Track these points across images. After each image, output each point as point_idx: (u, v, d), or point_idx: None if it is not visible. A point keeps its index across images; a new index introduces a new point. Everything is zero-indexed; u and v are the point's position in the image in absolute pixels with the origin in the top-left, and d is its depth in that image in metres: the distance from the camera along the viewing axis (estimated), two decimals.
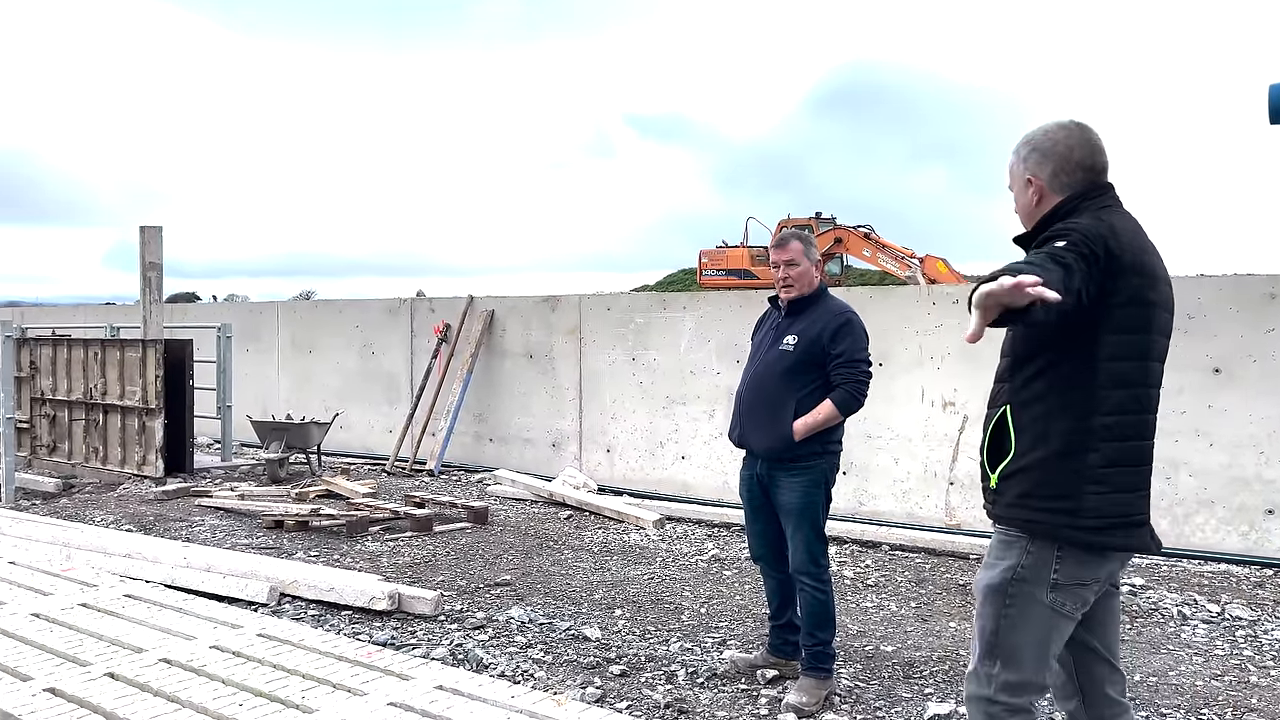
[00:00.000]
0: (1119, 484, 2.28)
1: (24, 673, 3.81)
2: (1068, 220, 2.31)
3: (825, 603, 3.96)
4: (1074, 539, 2.26)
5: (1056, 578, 2.28)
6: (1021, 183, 2.46)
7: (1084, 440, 2.26)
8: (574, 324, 9.56)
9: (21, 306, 24.44)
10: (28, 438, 9.98)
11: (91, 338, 10.06)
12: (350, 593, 5.11)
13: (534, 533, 7.18)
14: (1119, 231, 2.27)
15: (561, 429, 9.58)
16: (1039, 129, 2.46)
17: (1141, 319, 2.28)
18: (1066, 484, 2.26)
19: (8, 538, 6.44)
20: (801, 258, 4.02)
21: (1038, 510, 2.29)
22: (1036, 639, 2.31)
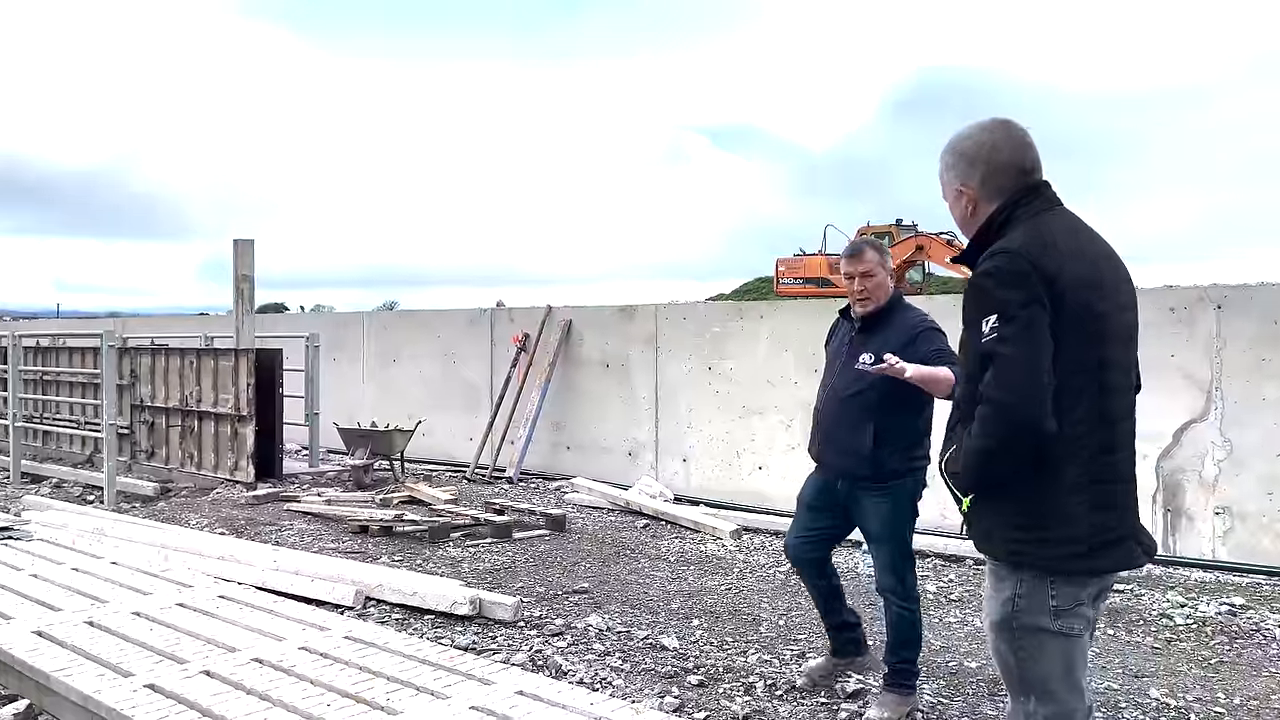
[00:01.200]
0: (1096, 502, 2.20)
1: (126, 669, 3.97)
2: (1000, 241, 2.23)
3: (913, 622, 3.89)
4: (1060, 568, 2.20)
5: (1055, 604, 2.21)
6: (953, 193, 2.36)
7: (1054, 463, 2.17)
8: (650, 333, 9.59)
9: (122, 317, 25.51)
10: (128, 443, 10.41)
11: (188, 347, 10.45)
12: (433, 597, 5.20)
13: (611, 541, 7.21)
14: (1055, 243, 2.19)
15: (637, 438, 9.62)
16: (962, 133, 2.35)
17: (1092, 331, 2.19)
18: (1041, 509, 2.19)
19: (110, 539, 6.72)
20: (878, 268, 3.90)
21: (1019, 542, 2.22)
22: (1059, 667, 2.24)
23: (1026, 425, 2.12)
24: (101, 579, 5.45)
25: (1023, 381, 2.12)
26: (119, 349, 10.11)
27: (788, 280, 29.49)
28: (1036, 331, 2.12)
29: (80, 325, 21.43)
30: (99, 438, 9.60)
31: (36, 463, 10.93)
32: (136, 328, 15.96)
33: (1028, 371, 2.12)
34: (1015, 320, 2.13)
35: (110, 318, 22.00)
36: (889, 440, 3.81)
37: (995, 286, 2.17)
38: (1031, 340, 2.12)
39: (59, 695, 3.84)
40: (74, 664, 4.01)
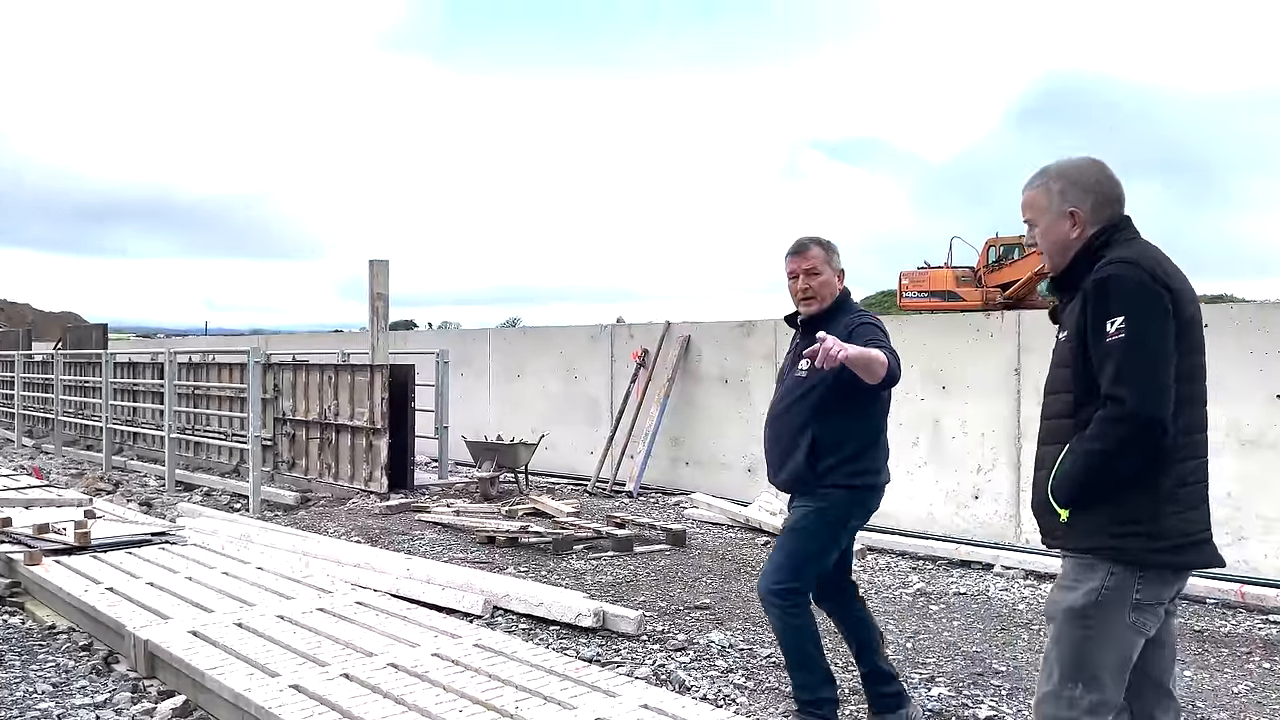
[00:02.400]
0: (1189, 502, 2.32)
1: (272, 669, 4.19)
2: (1110, 255, 2.35)
3: (788, 633, 3.57)
4: (1155, 561, 2.29)
5: (1139, 598, 2.30)
6: (1059, 215, 2.48)
7: (1158, 464, 2.28)
8: (770, 349, 9.54)
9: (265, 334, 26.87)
10: (271, 454, 10.97)
11: (326, 363, 10.96)
12: (558, 608, 5.30)
13: (731, 557, 7.19)
14: (1160, 260, 2.36)
15: (757, 454, 9.53)
16: (1065, 163, 2.52)
17: (1194, 341, 2.35)
18: (1144, 508, 2.29)
19: (255, 545, 7.09)
20: (824, 265, 3.66)
21: (1118, 536, 2.30)
22: (1117, 659, 2.34)
23: (1155, 424, 2.23)
24: (249, 583, 5.77)
25: (1153, 381, 2.23)
26: (263, 365, 10.67)
27: (912, 294, 28.82)
28: (1164, 336, 2.26)
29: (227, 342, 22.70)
30: (245, 449, 10.15)
31: (189, 472, 11.63)
32: (278, 345, 16.81)
33: (1158, 372, 2.24)
34: (1143, 323, 2.24)
35: (254, 335, 23.22)
36: (828, 449, 3.54)
37: (1121, 290, 2.28)
38: (1161, 342, 2.25)
39: (212, 693, 4.07)
40: (225, 663, 4.25)
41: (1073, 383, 2.39)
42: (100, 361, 13.67)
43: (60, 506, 8.56)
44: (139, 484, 11.38)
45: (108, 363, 13.37)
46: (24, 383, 16.53)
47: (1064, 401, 2.43)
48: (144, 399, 13.58)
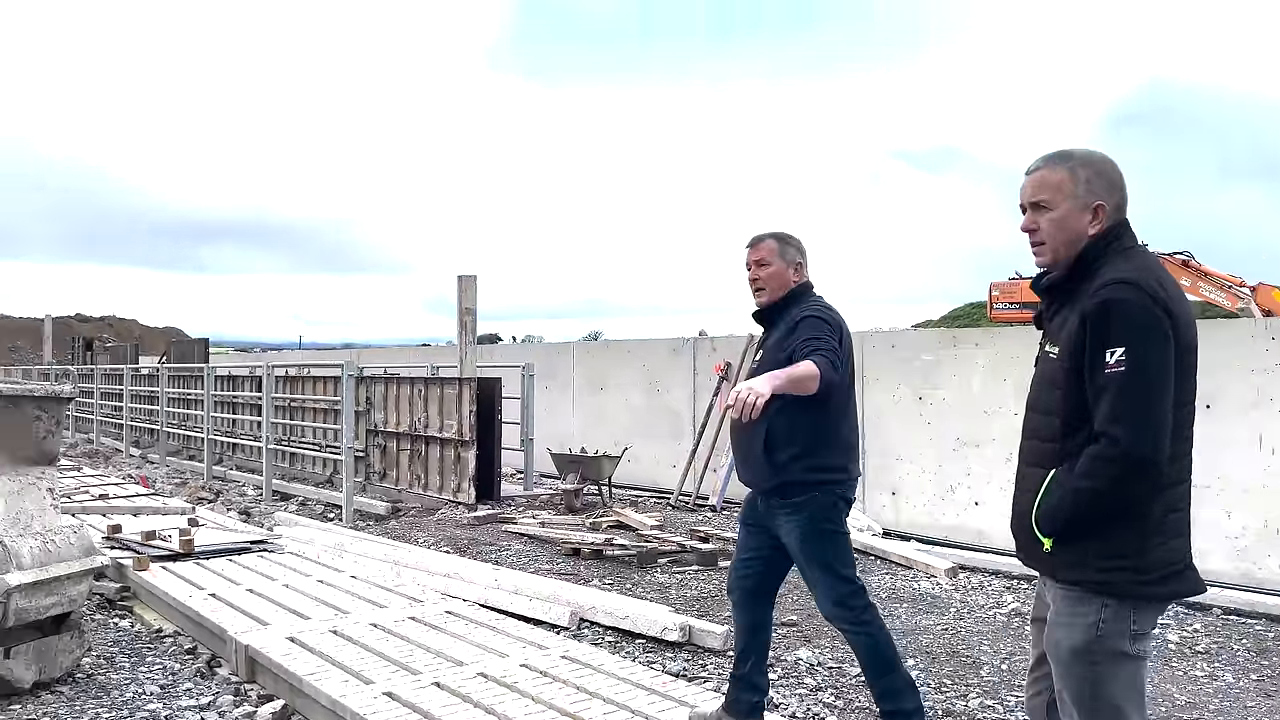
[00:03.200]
0: (1175, 531, 2.23)
1: (367, 676, 4.28)
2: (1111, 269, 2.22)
3: (872, 645, 3.44)
4: (1144, 594, 2.21)
5: (1135, 629, 2.22)
6: (1081, 207, 2.29)
7: (1148, 497, 2.18)
8: (856, 362, 9.41)
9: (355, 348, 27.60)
10: (363, 465, 11.25)
11: (416, 376, 11.20)
12: (644, 622, 5.30)
13: None
14: (1161, 278, 2.22)
15: None
16: (1093, 154, 2.34)
17: (1188, 365, 2.22)
18: (1130, 543, 2.19)
19: (349, 554, 7.28)
20: (774, 257, 3.59)
21: (1105, 570, 2.20)
22: (1132, 690, 2.25)
23: (1149, 465, 2.13)
24: (343, 591, 5.92)
25: (1149, 420, 2.12)
26: (356, 378, 10.96)
27: (1003, 305, 28.09)
28: (1165, 368, 2.14)
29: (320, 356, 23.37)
30: (338, 460, 10.44)
31: (285, 482, 11.99)
32: (369, 358, 17.25)
33: (1154, 409, 2.13)
34: (1144, 356, 2.12)
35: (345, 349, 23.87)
36: (781, 442, 3.43)
37: (1124, 317, 2.15)
38: (1161, 376, 2.14)
39: (309, 698, 4.18)
40: (321, 669, 4.36)
41: (1062, 405, 2.27)
42: (202, 375, 14.23)
43: (166, 514, 8.91)
44: (238, 493, 11.79)
45: (209, 376, 13.91)
46: (131, 395, 17.29)
47: (1050, 425, 2.31)
48: (243, 411, 14.08)
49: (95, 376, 19.86)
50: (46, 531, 4.40)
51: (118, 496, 10.38)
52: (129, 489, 11.20)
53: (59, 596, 4.31)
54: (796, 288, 3.61)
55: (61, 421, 4.79)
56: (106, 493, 10.68)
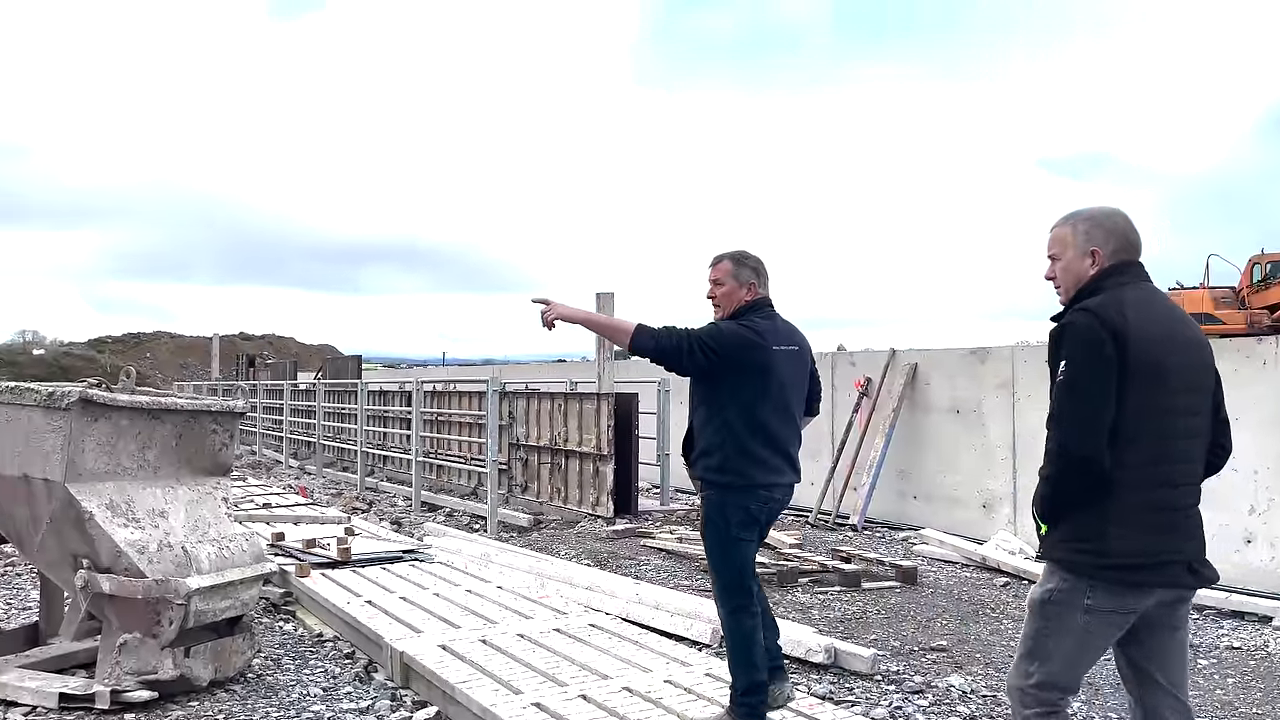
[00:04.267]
0: (1154, 527, 2.53)
1: (516, 686, 4.38)
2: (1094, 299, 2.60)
3: (731, 637, 3.77)
4: (1102, 576, 2.53)
5: (1090, 603, 2.55)
6: (1083, 252, 2.72)
7: (1107, 491, 2.52)
8: (1006, 377, 9.06)
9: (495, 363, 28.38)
10: (506, 478, 11.54)
11: (556, 391, 11.43)
12: (787, 643, 5.20)
13: (968, 598, 6.85)
14: (1125, 308, 2.55)
15: (993, 489, 9.08)
16: (1098, 209, 2.78)
17: (1158, 383, 2.52)
18: (1091, 529, 2.54)
19: (494, 565, 7.47)
20: (728, 278, 3.87)
21: (1069, 551, 2.60)
22: (1066, 650, 2.61)
23: (1081, 460, 2.51)
24: (490, 601, 6.08)
25: (1079, 423, 2.52)
26: (499, 393, 11.28)
27: None
28: (1099, 380, 2.50)
29: (463, 372, 24.15)
30: (483, 472, 10.75)
31: (432, 493, 12.43)
32: (510, 374, 17.71)
33: (1085, 414, 2.51)
34: (1081, 370, 2.52)
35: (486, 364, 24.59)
36: (696, 440, 3.82)
37: (1069, 339, 2.57)
38: (1094, 386, 2.50)
39: (461, 705, 4.31)
40: (473, 678, 4.49)
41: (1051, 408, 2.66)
42: (355, 390, 14.92)
43: (324, 523, 9.37)
44: (389, 504, 12.28)
45: (362, 391, 14.57)
46: (291, 409, 18.28)
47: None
48: (393, 425, 14.68)
49: (258, 392, 21.10)
50: (222, 538, 4.69)
51: (280, 506, 10.98)
52: (290, 498, 11.83)
53: (233, 600, 4.58)
54: (745, 305, 3.87)
55: (235, 435, 5.10)
56: (270, 502, 11.31)
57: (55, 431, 4.23)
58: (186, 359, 63.42)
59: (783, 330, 3.85)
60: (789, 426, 3.79)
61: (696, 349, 3.63)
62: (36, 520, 4.34)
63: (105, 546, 4.25)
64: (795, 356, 3.83)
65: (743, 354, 3.68)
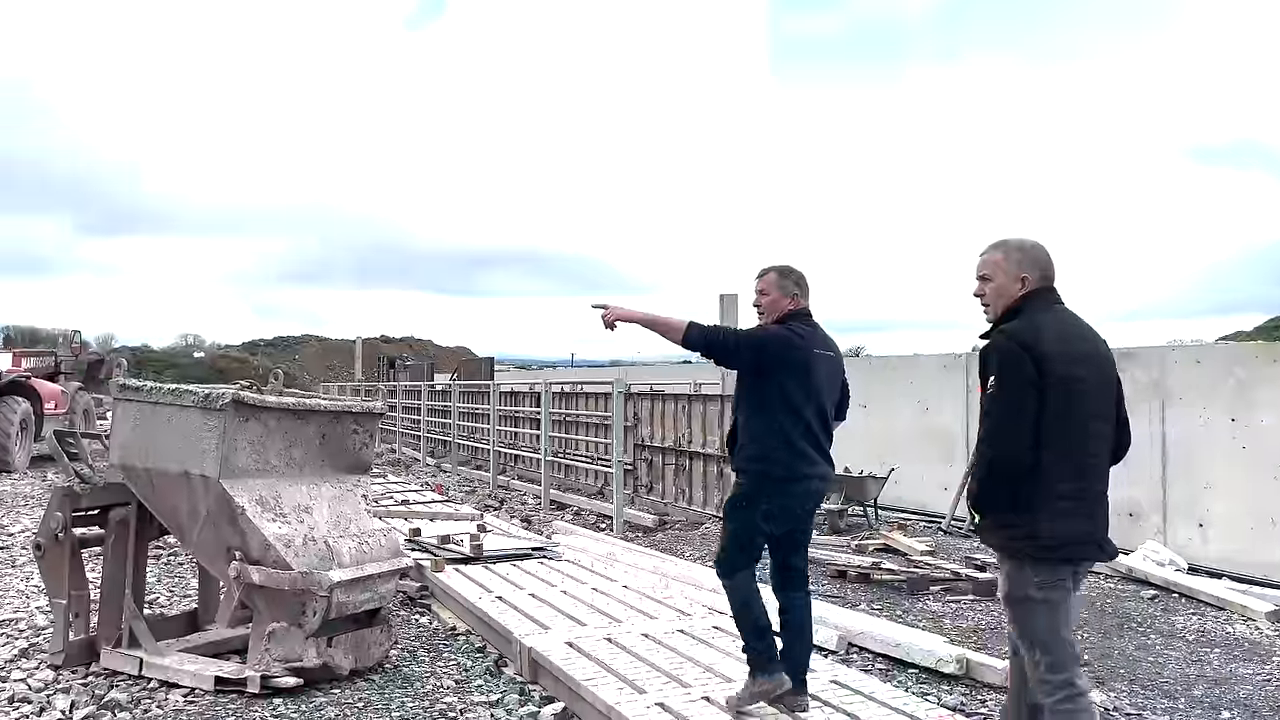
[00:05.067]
0: (1071, 513, 2.97)
1: (640, 686, 4.43)
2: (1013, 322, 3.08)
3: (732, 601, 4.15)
4: (1039, 556, 2.98)
5: (1037, 581, 2.98)
6: (1013, 277, 3.13)
7: (1030, 485, 2.96)
8: (1152, 379, 8.59)
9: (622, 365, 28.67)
10: (631, 478, 11.66)
11: (680, 393, 11.47)
12: (917, 651, 5.11)
13: (1111, 611, 6.52)
14: (1041, 330, 3.01)
15: (1137, 498, 8.62)
16: (1025, 240, 3.19)
17: (1074, 394, 2.96)
18: (1023, 518, 2.98)
19: (620, 564, 7.56)
20: (773, 288, 4.16)
21: (1008, 539, 3.06)
22: (1045, 627, 3.01)
23: (1005, 459, 2.96)
24: (616, 600, 6.15)
25: (1003, 429, 2.96)
26: (625, 395, 11.40)
27: None
28: (1019, 393, 2.94)
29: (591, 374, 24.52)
30: (609, 472, 10.88)
31: (560, 492, 12.68)
32: (636, 375, 17.89)
33: (1009, 422, 2.95)
34: (1004, 384, 2.97)
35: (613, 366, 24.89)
36: (738, 435, 4.14)
37: (992, 357, 3.03)
38: (1014, 399, 2.95)
39: (586, 702, 4.38)
40: (598, 675, 4.56)
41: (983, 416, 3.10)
42: (488, 391, 15.35)
43: (458, 520, 9.69)
44: (519, 502, 12.59)
45: (494, 392, 14.99)
46: (428, 409, 18.96)
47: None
48: (523, 425, 15.03)
49: (397, 392, 21.97)
50: (361, 534, 4.91)
51: (417, 502, 11.42)
52: (426, 495, 12.29)
53: (371, 593, 4.79)
54: (788, 314, 4.14)
55: (375, 435, 5.34)
56: (408, 499, 11.78)
57: (211, 431, 4.52)
58: (332, 360, 66.53)
59: (820, 337, 4.16)
60: (824, 423, 4.09)
61: (743, 346, 4.05)
62: (195, 514, 4.65)
63: (255, 540, 4.52)
64: (831, 362, 4.16)
65: (785, 354, 4.01)
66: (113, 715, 4.23)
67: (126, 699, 4.40)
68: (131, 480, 4.86)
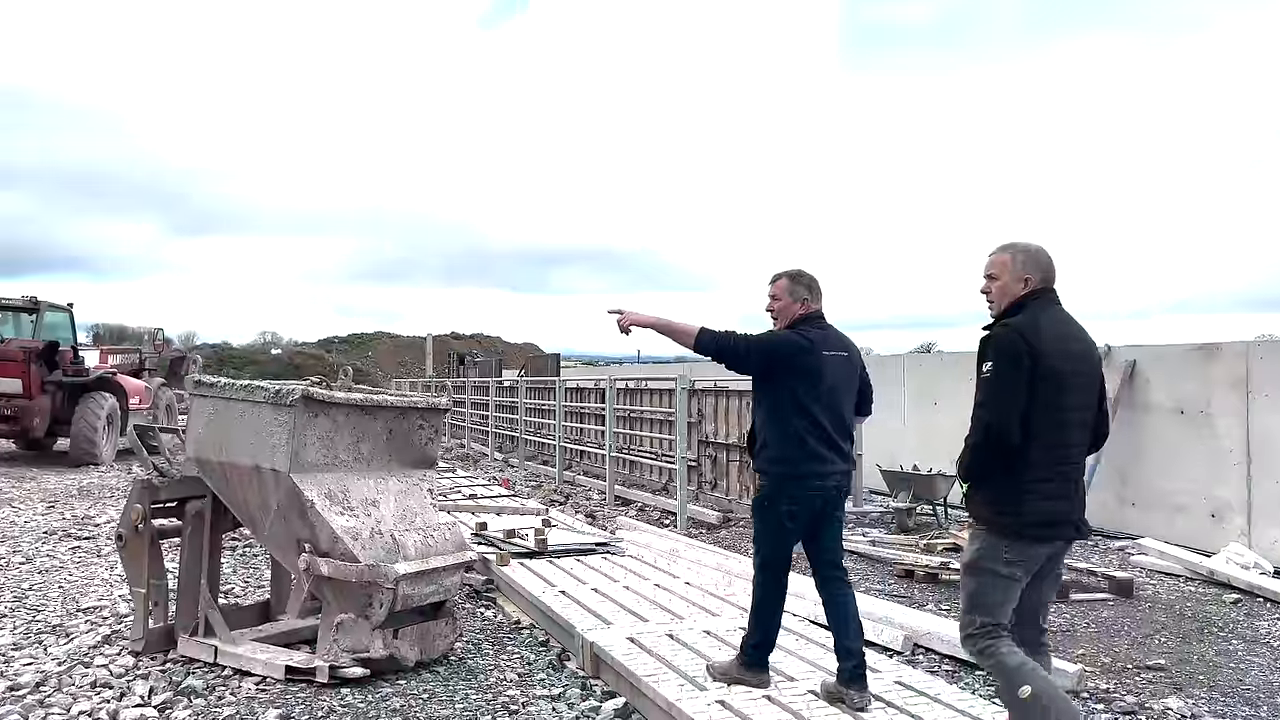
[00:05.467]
0: (1051, 495, 3.25)
1: (700, 683, 4.41)
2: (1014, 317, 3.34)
3: (756, 597, 4.35)
4: (1019, 533, 3.25)
5: (1008, 557, 3.26)
6: (1017, 278, 3.39)
7: (1016, 467, 3.23)
8: (1238, 375, 8.27)
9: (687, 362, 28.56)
10: (695, 475, 11.63)
11: (744, 389, 11.39)
12: None
13: (1191, 615, 6.30)
14: (1039, 326, 3.28)
15: (1223, 497, 8.31)
16: (1030, 245, 3.44)
17: (1058, 385, 3.23)
18: (1009, 497, 3.26)
19: (682, 560, 7.55)
20: (784, 294, 4.30)
21: (991, 514, 3.32)
22: (997, 597, 3.30)
23: (997, 434, 3.21)
24: (678, 596, 6.15)
25: (998, 405, 3.21)
26: (689, 391, 11.37)
27: None
28: (1013, 378, 3.21)
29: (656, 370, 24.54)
30: (673, 469, 10.87)
31: (625, 488, 12.70)
32: (700, 371, 17.82)
33: (1003, 400, 3.20)
34: (1001, 369, 3.22)
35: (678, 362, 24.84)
36: (759, 436, 4.32)
37: (994, 345, 3.28)
38: (1009, 382, 3.20)
39: (647, 698, 4.38)
40: (659, 671, 4.56)
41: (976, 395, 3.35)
42: (554, 387, 15.46)
43: (524, 515, 9.78)
44: (584, 497, 12.66)
45: (560, 388, 15.08)
46: (496, 405, 19.17)
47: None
48: (589, 421, 15.10)
49: (466, 388, 22.26)
50: (427, 527, 4.99)
51: (484, 497, 11.56)
52: (494, 490, 12.43)
53: (436, 585, 4.86)
54: (799, 318, 4.29)
55: (440, 430, 5.41)
56: (476, 493, 11.93)
57: (281, 426, 4.63)
58: (404, 357, 67.70)
59: (833, 338, 4.28)
60: (839, 423, 4.23)
61: (753, 352, 4.19)
62: (266, 506, 4.77)
63: (324, 532, 4.62)
64: (845, 362, 4.26)
65: (793, 358, 4.15)
66: (188, 701, 4.36)
67: (202, 685, 4.54)
68: (206, 474, 5.01)
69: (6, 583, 6.73)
